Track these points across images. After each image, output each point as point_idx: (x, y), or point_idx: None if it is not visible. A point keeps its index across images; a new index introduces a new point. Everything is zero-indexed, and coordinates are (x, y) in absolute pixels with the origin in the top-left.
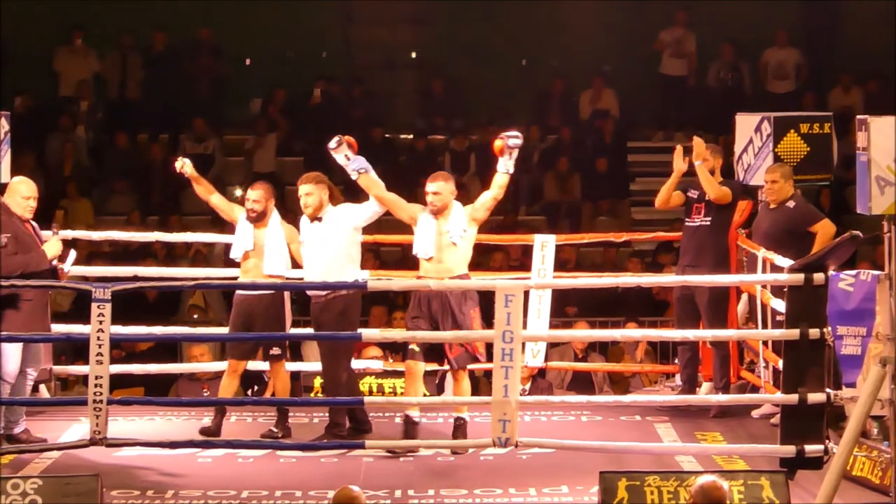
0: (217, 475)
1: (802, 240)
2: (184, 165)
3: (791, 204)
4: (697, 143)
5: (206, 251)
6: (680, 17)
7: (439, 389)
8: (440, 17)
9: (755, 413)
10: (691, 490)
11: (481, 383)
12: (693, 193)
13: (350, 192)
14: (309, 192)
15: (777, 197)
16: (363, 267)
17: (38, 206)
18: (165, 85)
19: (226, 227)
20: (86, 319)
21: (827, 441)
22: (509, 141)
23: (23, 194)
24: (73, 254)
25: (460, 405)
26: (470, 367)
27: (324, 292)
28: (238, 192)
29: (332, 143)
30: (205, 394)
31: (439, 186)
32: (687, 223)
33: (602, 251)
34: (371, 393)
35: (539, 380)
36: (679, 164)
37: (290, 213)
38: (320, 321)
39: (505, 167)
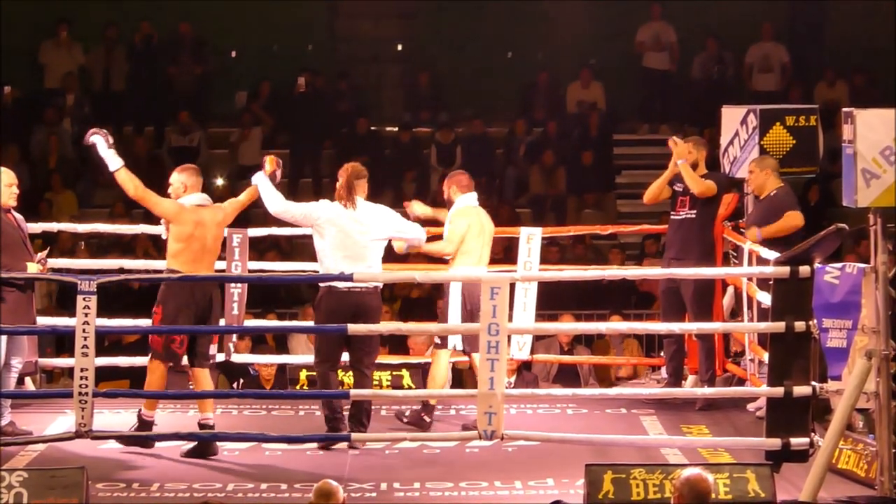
0: (203, 468)
1: None
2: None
3: (772, 194)
4: (675, 143)
5: None
6: (655, 11)
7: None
8: (425, 11)
9: (751, 406)
10: (677, 483)
11: (466, 376)
12: (678, 187)
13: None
14: None
15: (755, 187)
16: None
17: (23, 198)
18: (150, 78)
19: None
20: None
21: (812, 434)
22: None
23: (5, 182)
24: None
25: (206, 407)
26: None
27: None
28: (219, 182)
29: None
30: (191, 386)
31: (171, 177)
32: (672, 216)
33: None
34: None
35: (525, 372)
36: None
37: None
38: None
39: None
